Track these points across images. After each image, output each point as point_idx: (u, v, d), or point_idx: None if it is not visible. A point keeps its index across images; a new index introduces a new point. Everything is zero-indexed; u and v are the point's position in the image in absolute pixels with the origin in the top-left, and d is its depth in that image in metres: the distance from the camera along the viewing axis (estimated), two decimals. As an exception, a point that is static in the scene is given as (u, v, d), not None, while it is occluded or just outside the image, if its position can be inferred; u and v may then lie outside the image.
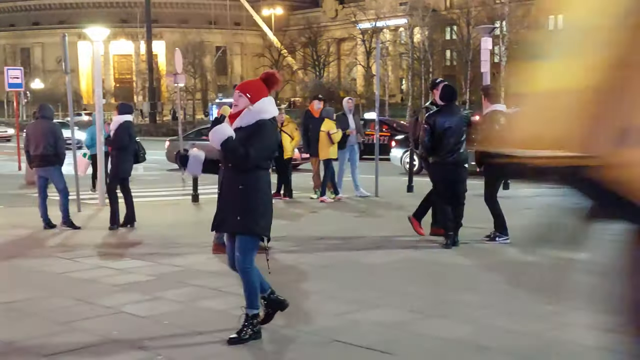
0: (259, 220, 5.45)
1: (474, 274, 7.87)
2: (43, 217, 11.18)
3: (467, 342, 5.50)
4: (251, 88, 5.50)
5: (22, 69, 24.39)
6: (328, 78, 79.23)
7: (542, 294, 6.83)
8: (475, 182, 10.31)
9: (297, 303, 6.64)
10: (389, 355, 5.25)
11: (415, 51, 67.55)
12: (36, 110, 11.84)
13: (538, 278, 7.39)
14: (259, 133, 5.37)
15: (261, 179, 5.46)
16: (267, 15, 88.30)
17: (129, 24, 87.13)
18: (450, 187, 9.27)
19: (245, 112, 5.43)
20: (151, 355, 5.31)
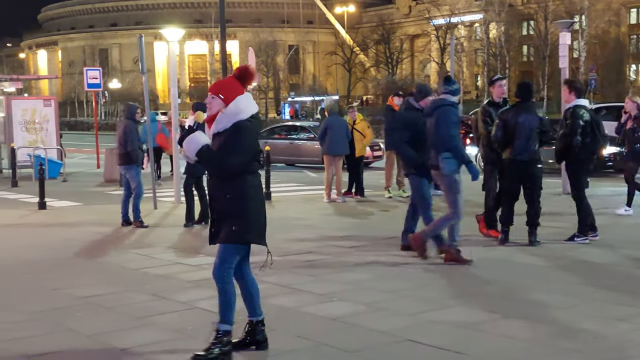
0: (250, 228, 5.04)
1: (552, 274, 7.66)
2: (122, 213, 11.42)
3: (546, 344, 5.35)
4: (223, 88, 5.02)
5: (100, 70, 25.03)
6: (401, 75, 78.80)
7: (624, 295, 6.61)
8: (552, 181, 10.05)
9: (369, 301, 6.60)
10: (463, 355, 5.15)
11: (491, 47, 66.58)
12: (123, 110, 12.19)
13: (619, 279, 7.16)
14: (236, 137, 4.90)
15: (247, 184, 5.01)
16: (339, 12, 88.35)
17: (203, 24, 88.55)
18: (521, 185, 9.09)
19: (219, 116, 4.96)
20: (225, 351, 5.34)
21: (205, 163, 5.02)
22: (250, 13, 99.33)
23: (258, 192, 5.14)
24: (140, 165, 11.61)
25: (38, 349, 5.43)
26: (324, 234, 10.35)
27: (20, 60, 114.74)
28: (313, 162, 21.07)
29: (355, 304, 6.53)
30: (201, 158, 4.95)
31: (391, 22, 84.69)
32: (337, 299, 6.74)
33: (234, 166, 4.92)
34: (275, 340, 5.56)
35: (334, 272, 7.90)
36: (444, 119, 8.10)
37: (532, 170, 9.02)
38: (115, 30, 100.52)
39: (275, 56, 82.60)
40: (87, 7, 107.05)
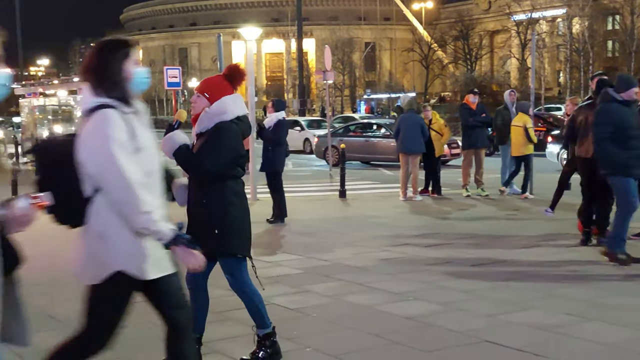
0: (231, 238, 4.79)
1: (632, 276, 7.42)
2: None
3: (626, 348, 5.18)
4: (209, 86, 4.80)
5: (180, 69, 25.53)
6: (480, 72, 77.65)
7: None
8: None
9: (445, 301, 6.53)
10: (542, 358, 5.04)
11: (574, 42, 64.84)
12: None
13: None
14: (217, 138, 4.62)
15: (227, 191, 4.70)
16: (417, 9, 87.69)
17: (280, 22, 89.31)
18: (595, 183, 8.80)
19: (202, 115, 4.71)
20: (300, 347, 5.38)
21: (181, 164, 4.71)
22: (326, 11, 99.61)
23: (240, 199, 4.82)
24: None
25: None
26: (400, 232, 10.29)
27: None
28: (389, 159, 20.98)
29: (430, 303, 6.47)
30: (177, 158, 4.66)
31: (470, 18, 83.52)
32: (412, 298, 6.69)
33: (211, 169, 4.61)
34: (351, 338, 5.56)
35: (410, 270, 7.85)
36: None
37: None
38: (195, 30, 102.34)
39: (352, 54, 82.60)
40: (168, 7, 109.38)
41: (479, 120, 14.18)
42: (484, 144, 14.52)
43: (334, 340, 5.54)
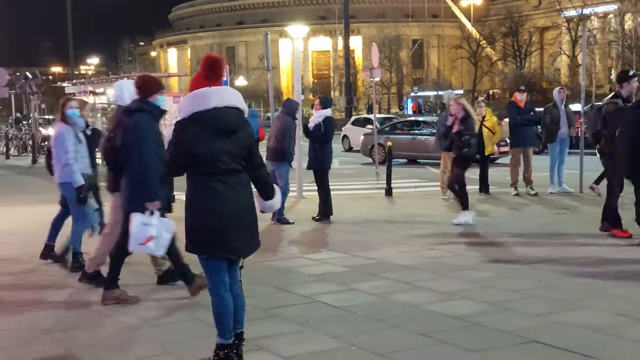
0: (187, 238, 4.78)
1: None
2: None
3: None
4: (189, 86, 4.93)
5: (227, 67, 25.68)
6: (529, 69, 76.60)
7: None
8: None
9: (493, 301, 6.46)
10: (592, 359, 4.94)
11: (626, 39, 63.47)
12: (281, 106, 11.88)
13: None
14: (173, 136, 4.80)
15: (191, 188, 4.77)
16: (465, 6, 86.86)
17: (327, 20, 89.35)
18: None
19: None
20: (345, 345, 5.37)
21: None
22: (374, 8, 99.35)
23: (203, 196, 4.71)
24: (290, 163, 11.46)
25: (173, 335, 5.64)
26: (447, 230, 10.21)
27: (151, 58, 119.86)
28: (435, 157, 20.81)
29: (478, 303, 6.40)
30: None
31: (520, 14, 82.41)
32: (459, 297, 6.63)
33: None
34: (397, 337, 5.54)
35: (457, 269, 7.78)
36: None
37: None
38: (242, 29, 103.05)
39: (399, 51, 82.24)
40: (215, 6, 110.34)
41: (527, 118, 13.99)
42: (532, 142, 14.34)
43: (379, 339, 5.52)
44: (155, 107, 6.39)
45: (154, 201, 6.08)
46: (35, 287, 7.33)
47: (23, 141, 31.51)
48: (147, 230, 6.03)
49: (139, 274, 7.42)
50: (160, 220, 6.14)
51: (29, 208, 13.33)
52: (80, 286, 7.20)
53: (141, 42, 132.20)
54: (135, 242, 6.08)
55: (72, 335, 5.74)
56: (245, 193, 4.82)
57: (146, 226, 6.03)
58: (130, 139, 6.17)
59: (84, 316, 6.29)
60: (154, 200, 6.08)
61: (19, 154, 30.59)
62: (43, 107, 52.72)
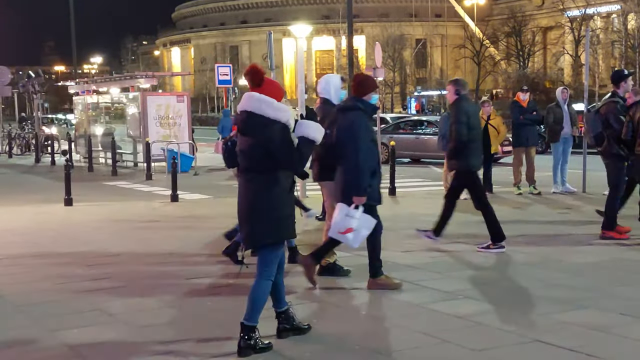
0: None
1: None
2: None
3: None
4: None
5: (230, 66, 25.74)
6: (533, 68, 76.55)
7: None
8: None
9: (496, 300, 6.46)
10: (594, 358, 4.95)
11: (629, 39, 63.43)
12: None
13: None
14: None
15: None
16: (469, 5, 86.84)
17: (330, 19, 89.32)
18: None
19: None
20: (350, 345, 5.36)
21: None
22: (377, 8, 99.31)
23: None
24: None
25: (171, 335, 5.65)
26: (450, 230, 10.16)
27: (155, 57, 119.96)
28: (439, 157, 20.82)
29: (481, 302, 6.41)
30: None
31: (523, 14, 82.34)
32: (462, 296, 6.63)
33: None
34: (400, 336, 5.54)
35: (460, 269, 7.78)
36: None
37: None
38: (245, 28, 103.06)
39: (402, 50, 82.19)
40: (219, 5, 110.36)
41: (530, 118, 13.99)
42: (534, 142, 14.35)
43: (382, 338, 5.53)
44: (369, 106, 6.67)
45: (362, 196, 6.46)
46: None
47: (26, 140, 31.57)
48: (349, 222, 6.44)
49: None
50: (362, 216, 6.49)
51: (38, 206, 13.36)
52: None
53: (144, 42, 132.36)
54: (335, 230, 6.54)
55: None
56: (251, 192, 5.08)
57: (349, 218, 6.45)
58: (345, 136, 6.51)
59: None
60: (362, 195, 6.47)
61: (22, 153, 30.64)
62: (46, 106, 52.71)
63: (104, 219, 11.82)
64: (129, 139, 22.98)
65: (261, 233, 5.09)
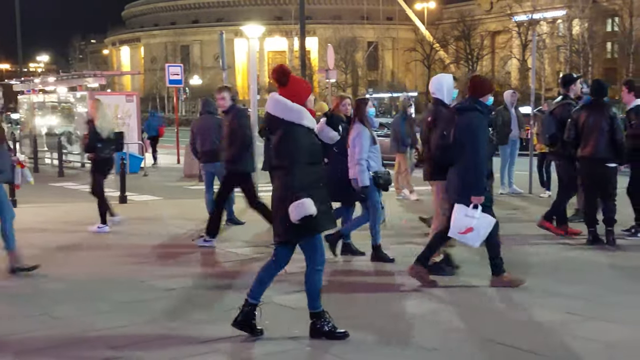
0: None
1: (630, 274, 7.43)
2: (210, 211, 10.74)
3: (629, 346, 5.19)
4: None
5: (181, 66, 25.46)
6: (481, 72, 77.50)
7: None
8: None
9: (448, 299, 6.53)
10: (542, 357, 5.04)
11: (574, 44, 64.78)
12: (201, 105, 11.71)
13: None
14: None
15: None
16: (419, 9, 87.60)
17: (283, 20, 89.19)
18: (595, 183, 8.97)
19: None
20: (300, 345, 5.38)
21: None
22: (330, 10, 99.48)
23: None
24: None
25: (122, 340, 5.58)
26: (403, 231, 10.30)
27: (103, 56, 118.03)
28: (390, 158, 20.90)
29: (438, 302, 6.51)
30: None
31: (472, 18, 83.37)
32: (415, 296, 6.68)
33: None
34: (354, 337, 5.54)
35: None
36: None
37: (603, 170, 8.83)
38: (197, 27, 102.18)
39: (355, 53, 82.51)
40: (170, 4, 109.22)
41: None
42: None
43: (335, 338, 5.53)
44: (485, 107, 6.89)
45: (481, 196, 6.65)
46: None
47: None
48: (469, 221, 6.62)
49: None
50: (482, 215, 6.66)
51: None
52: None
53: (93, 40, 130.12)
54: (455, 231, 6.71)
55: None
56: (277, 189, 5.40)
57: (469, 218, 6.63)
58: (463, 137, 6.69)
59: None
60: (481, 195, 6.68)
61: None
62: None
63: (49, 221, 11.61)
64: (76, 139, 22.58)
65: (285, 229, 5.32)
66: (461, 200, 6.72)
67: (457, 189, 6.80)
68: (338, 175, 8.17)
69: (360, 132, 7.95)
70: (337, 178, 8.17)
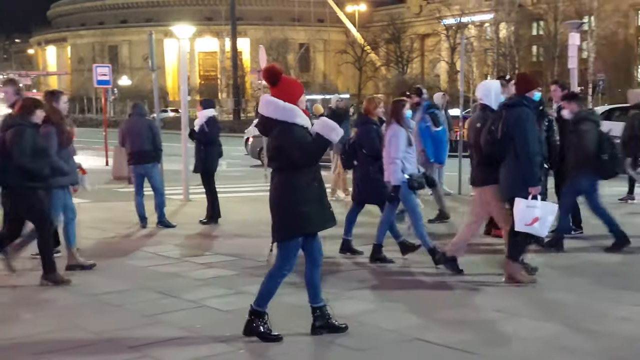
0: None
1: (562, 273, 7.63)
2: (140, 214, 10.99)
3: (554, 344, 5.34)
4: None
5: (110, 67, 24.98)
6: (411, 74, 78.57)
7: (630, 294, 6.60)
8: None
9: (379, 300, 6.59)
10: (470, 354, 5.14)
11: (501, 47, 66.26)
12: (131, 108, 11.59)
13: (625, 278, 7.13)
14: None
15: None
16: (350, 11, 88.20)
17: (214, 21, 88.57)
18: None
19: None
20: (233, 349, 5.35)
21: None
22: (261, 11, 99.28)
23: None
24: (159, 162, 11.31)
25: (45, 346, 5.44)
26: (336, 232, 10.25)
27: (29, 56, 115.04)
28: (325, 160, 20.95)
29: (365, 303, 6.54)
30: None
31: (402, 21, 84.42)
32: (346, 297, 6.72)
33: None
34: (285, 339, 5.54)
35: (344, 270, 7.90)
36: None
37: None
38: (126, 27, 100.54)
39: (286, 54, 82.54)
40: (97, 3, 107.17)
41: None
42: None
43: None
44: (531, 102, 7.12)
45: (537, 186, 6.85)
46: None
47: None
48: (533, 212, 6.81)
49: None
50: (542, 204, 6.91)
51: None
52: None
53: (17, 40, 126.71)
54: (522, 223, 6.85)
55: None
56: (272, 189, 5.44)
57: (531, 208, 6.82)
58: (512, 131, 6.89)
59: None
60: (537, 184, 6.88)
61: None
62: None
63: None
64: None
65: (279, 228, 5.39)
66: (519, 193, 6.90)
67: (513, 183, 6.97)
68: (370, 176, 8.35)
69: (397, 132, 7.98)
70: (368, 179, 8.36)
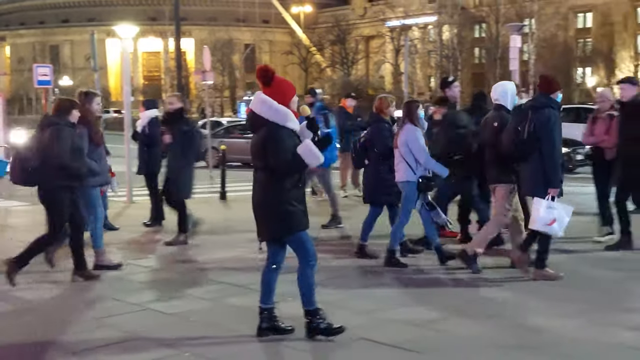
0: None
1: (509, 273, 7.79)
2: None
3: (496, 342, 5.44)
4: None
5: (51, 67, 24.46)
6: (356, 76, 79.02)
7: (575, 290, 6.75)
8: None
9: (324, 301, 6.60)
10: (416, 353, 5.20)
11: (444, 49, 67.17)
12: None
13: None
14: None
15: None
16: (295, 13, 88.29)
17: (157, 21, 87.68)
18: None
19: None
20: (178, 352, 5.30)
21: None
22: (205, 11, 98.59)
23: None
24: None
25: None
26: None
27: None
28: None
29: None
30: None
31: (347, 23, 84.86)
32: (291, 298, 6.71)
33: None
34: (231, 341, 5.53)
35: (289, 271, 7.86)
36: None
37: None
38: (67, 27, 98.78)
39: (231, 55, 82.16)
40: (37, 3, 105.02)
41: (357, 124, 14.45)
42: None
43: (214, 343, 5.50)
44: (556, 103, 7.19)
45: (557, 188, 7.00)
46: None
47: None
48: (552, 213, 6.95)
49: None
50: (560, 206, 7.02)
51: None
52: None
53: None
54: (541, 223, 6.99)
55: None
56: (256, 188, 5.45)
57: (551, 209, 6.96)
58: (540, 132, 6.97)
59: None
60: (558, 187, 7.03)
61: None
62: None
63: None
64: None
65: (265, 228, 5.43)
66: (539, 193, 7.04)
67: (535, 183, 7.09)
68: (380, 175, 8.30)
69: (414, 132, 8.00)
70: (377, 179, 8.32)
